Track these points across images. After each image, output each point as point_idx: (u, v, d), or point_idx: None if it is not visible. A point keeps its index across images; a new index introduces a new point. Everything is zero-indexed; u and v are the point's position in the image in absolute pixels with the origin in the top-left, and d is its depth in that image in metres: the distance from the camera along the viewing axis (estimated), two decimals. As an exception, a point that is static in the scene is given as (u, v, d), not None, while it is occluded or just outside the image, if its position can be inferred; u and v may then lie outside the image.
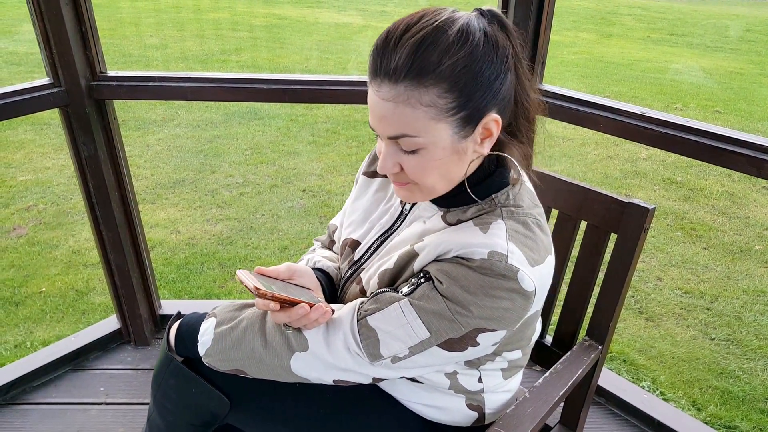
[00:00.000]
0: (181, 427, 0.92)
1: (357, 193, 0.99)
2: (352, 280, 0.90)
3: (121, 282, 1.76)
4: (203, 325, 0.84)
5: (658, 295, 2.56)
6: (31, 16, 1.40)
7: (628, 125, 1.33)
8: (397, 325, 0.74)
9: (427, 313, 0.73)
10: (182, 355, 0.89)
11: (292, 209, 3.25)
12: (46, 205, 3.20)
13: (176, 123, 4.56)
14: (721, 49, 8.57)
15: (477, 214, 0.79)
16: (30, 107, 1.43)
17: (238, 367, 0.81)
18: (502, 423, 0.88)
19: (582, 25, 10.05)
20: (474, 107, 0.70)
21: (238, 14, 9.25)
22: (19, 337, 2.13)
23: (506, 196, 0.79)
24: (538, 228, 0.78)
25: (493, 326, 0.73)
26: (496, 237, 0.73)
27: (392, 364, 0.76)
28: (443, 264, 0.74)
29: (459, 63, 0.67)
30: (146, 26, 7.97)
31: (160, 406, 0.92)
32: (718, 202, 3.52)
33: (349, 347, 0.76)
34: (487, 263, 0.71)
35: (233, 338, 0.80)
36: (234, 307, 0.85)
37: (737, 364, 2.15)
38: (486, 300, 0.71)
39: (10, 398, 1.63)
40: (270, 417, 0.87)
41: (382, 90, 0.69)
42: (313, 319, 0.76)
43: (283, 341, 0.78)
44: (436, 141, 0.71)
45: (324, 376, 0.78)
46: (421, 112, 0.68)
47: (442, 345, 0.74)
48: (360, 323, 0.76)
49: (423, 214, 0.84)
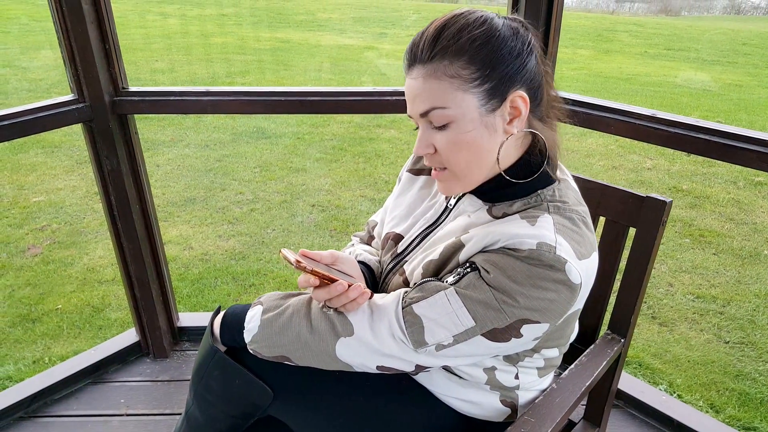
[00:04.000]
0: (221, 420, 0.93)
1: (400, 190, 1.02)
2: (395, 271, 0.92)
3: (141, 294, 1.78)
4: (249, 313, 0.86)
5: (670, 300, 2.57)
6: (57, 34, 1.45)
7: (639, 126, 1.37)
8: (442, 313, 0.75)
9: (472, 302, 0.74)
10: (226, 345, 0.90)
11: (302, 224, 3.28)
12: (60, 224, 3.23)
13: (185, 143, 4.62)
14: (719, 62, 8.67)
15: (523, 208, 0.81)
16: (55, 123, 1.47)
17: (283, 353, 0.82)
18: (532, 413, 0.89)
19: (579, 42, 10.18)
20: (498, 79, 0.75)
21: (243, 39, 9.40)
22: (37, 353, 2.15)
23: (552, 192, 0.82)
24: (584, 225, 0.80)
25: (537, 318, 0.74)
26: (544, 229, 0.75)
27: (436, 351, 0.77)
28: (490, 254, 0.75)
29: (478, 38, 0.74)
30: (153, 51, 8.11)
31: (200, 399, 0.93)
32: (724, 208, 3.54)
33: (394, 334, 0.77)
34: (535, 253, 0.72)
35: (279, 324, 0.82)
36: (280, 296, 0.87)
37: (753, 367, 2.15)
38: (533, 290, 0.72)
39: (32, 411, 1.65)
40: (311, 407, 0.88)
41: (412, 73, 0.77)
42: (351, 297, 0.78)
43: (328, 326, 0.79)
44: (464, 112, 0.75)
45: (368, 362, 0.80)
46: (446, 83, 0.74)
47: (486, 335, 0.75)
48: (405, 311, 0.77)
49: (468, 209, 0.86)
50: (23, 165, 4.10)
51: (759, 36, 11.10)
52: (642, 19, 13.96)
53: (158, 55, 7.91)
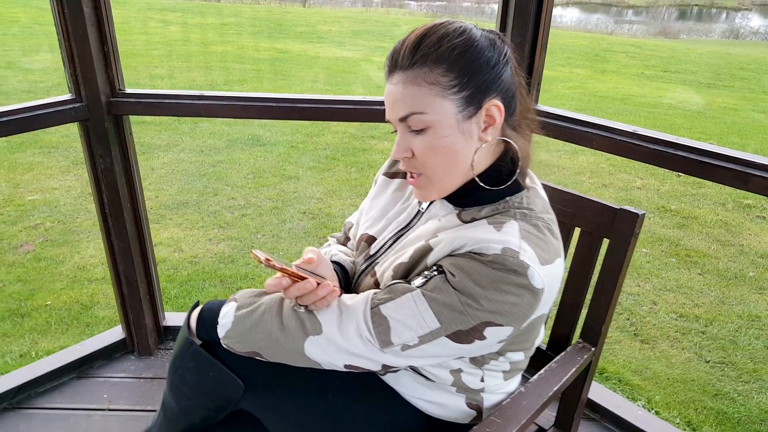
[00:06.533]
0: (195, 412, 0.95)
1: (375, 193, 1.06)
2: (367, 272, 0.94)
3: (129, 292, 1.80)
4: (224, 309, 0.88)
5: (653, 318, 2.60)
6: (58, 36, 1.48)
7: (620, 142, 1.41)
8: (408, 315, 0.77)
9: (438, 305, 0.76)
10: (201, 339, 0.93)
11: (292, 230, 3.31)
12: (53, 223, 3.25)
13: (180, 148, 4.66)
14: (715, 85, 8.77)
15: (491, 213, 0.84)
16: (52, 120, 1.50)
17: (255, 349, 0.85)
18: (498, 414, 0.92)
19: (576, 61, 10.29)
20: (475, 86, 0.79)
21: (243, 48, 9.48)
22: (24, 347, 2.16)
23: (520, 200, 0.85)
24: (549, 232, 0.83)
25: (500, 321, 0.76)
26: (509, 235, 0.78)
27: (402, 351, 0.79)
28: (457, 258, 0.78)
29: (457, 46, 0.78)
30: (153, 57, 8.17)
31: (176, 391, 0.95)
32: (712, 230, 3.59)
33: (361, 333, 0.80)
34: (500, 258, 0.75)
35: (252, 321, 0.84)
36: (254, 293, 0.89)
37: (732, 386, 2.18)
38: (496, 294, 0.75)
39: (16, 403, 1.66)
40: (281, 403, 0.91)
41: (393, 79, 0.80)
42: (320, 295, 0.80)
43: (298, 324, 0.82)
44: (441, 118, 0.79)
45: (336, 360, 0.82)
46: (426, 89, 0.78)
47: (451, 336, 0.77)
48: (373, 311, 0.80)
49: (438, 213, 0.89)
50: (20, 164, 4.13)
51: (756, 61, 11.25)
52: (640, 40, 14.12)
53: (158, 61, 7.97)
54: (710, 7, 22.58)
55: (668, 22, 18.62)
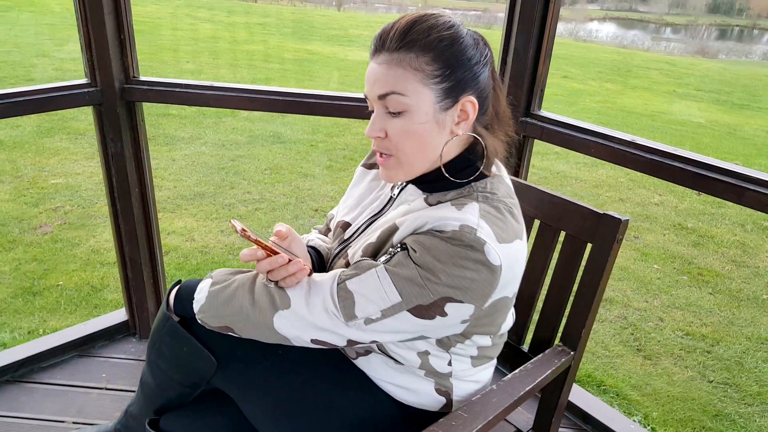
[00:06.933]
0: (170, 388, 0.98)
1: (353, 183, 1.10)
2: (340, 255, 0.98)
3: (133, 274, 1.85)
4: (200, 285, 0.92)
5: (658, 334, 2.57)
6: (77, 22, 1.55)
7: (617, 151, 1.40)
8: (372, 289, 0.80)
9: (399, 279, 0.79)
10: (179, 315, 0.96)
11: (303, 226, 3.35)
12: (73, 207, 3.36)
13: (203, 141, 4.75)
14: (748, 106, 8.58)
15: (456, 197, 0.88)
16: (67, 103, 1.57)
17: (227, 323, 0.88)
18: (466, 408, 0.93)
19: (607, 76, 10.18)
20: (456, 80, 0.81)
21: (272, 47, 9.62)
22: (33, 324, 2.24)
23: (484, 185, 0.88)
24: (510, 214, 0.86)
25: (460, 297, 0.79)
26: (468, 213, 0.81)
27: (365, 325, 0.82)
28: (418, 236, 0.82)
29: (445, 39, 0.81)
30: (184, 53, 8.35)
31: (153, 366, 0.99)
32: (728, 250, 3.51)
33: (327, 308, 0.82)
34: (457, 234, 0.78)
35: (225, 296, 0.88)
36: (230, 271, 0.93)
37: (734, 408, 2.13)
38: (454, 269, 0.77)
39: (19, 376, 1.72)
40: (252, 381, 0.93)
41: (378, 58, 0.82)
42: (291, 271, 0.83)
43: (268, 300, 0.85)
44: (420, 105, 0.81)
45: (303, 334, 0.84)
46: (410, 74, 0.81)
47: (412, 310, 0.80)
48: (339, 286, 0.83)
49: (408, 198, 0.93)
50: (47, 148, 4.26)
51: (795, 84, 10.97)
52: (676, 58, 13.87)
53: (189, 57, 8.14)
54: (752, 28, 22.03)
55: (707, 41, 18.23)
